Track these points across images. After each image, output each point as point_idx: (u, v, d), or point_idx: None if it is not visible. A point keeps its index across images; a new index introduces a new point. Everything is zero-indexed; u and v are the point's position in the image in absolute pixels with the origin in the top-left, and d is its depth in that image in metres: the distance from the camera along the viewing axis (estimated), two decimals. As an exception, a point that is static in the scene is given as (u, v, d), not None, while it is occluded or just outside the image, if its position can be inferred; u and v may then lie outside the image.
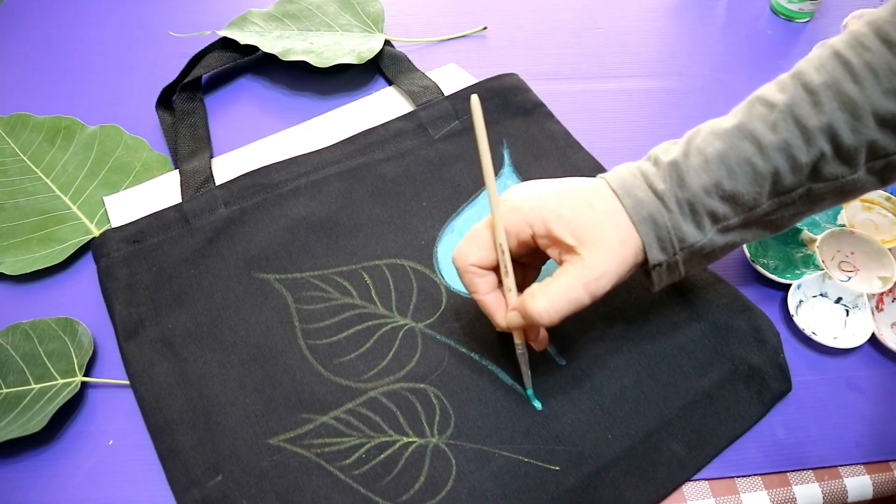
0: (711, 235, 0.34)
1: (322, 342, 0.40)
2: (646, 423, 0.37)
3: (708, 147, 0.34)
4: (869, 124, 0.31)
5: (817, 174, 0.33)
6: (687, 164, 0.34)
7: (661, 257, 0.34)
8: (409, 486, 0.35)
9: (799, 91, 0.33)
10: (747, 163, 0.33)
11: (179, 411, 0.38)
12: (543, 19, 0.66)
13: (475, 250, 0.35)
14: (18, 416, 0.38)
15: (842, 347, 0.41)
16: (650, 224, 0.33)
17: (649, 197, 0.34)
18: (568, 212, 0.33)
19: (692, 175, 0.33)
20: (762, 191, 0.33)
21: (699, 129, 0.35)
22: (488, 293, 0.35)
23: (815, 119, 0.32)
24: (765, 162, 0.33)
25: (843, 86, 0.31)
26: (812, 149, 0.32)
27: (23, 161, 0.51)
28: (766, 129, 0.33)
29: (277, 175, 0.48)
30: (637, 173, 0.35)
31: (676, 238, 0.34)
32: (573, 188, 0.35)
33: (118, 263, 0.43)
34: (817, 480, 0.37)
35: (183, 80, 0.54)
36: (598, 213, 0.33)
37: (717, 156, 0.33)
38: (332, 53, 0.56)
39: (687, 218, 0.34)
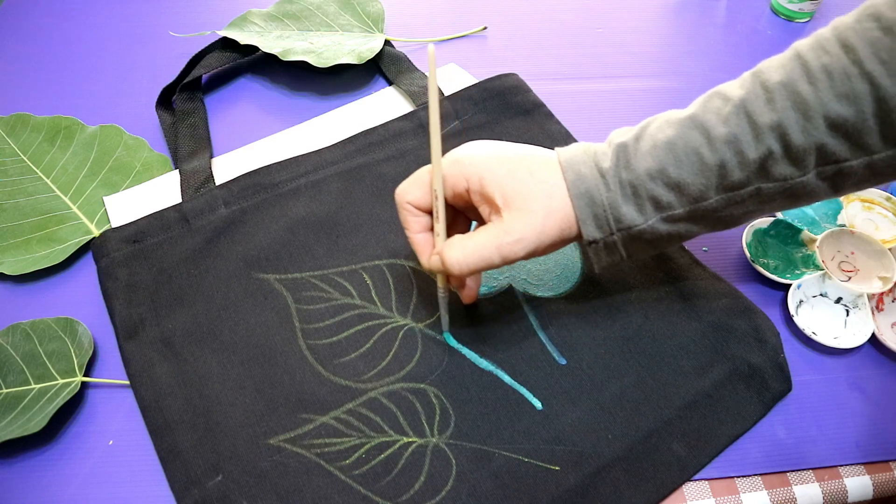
0: (654, 222, 0.34)
1: (322, 342, 0.40)
2: (646, 423, 0.37)
3: (659, 134, 0.34)
4: (819, 126, 0.31)
5: (766, 173, 0.33)
6: (636, 147, 0.34)
7: (596, 234, 0.34)
8: (409, 486, 0.35)
9: (756, 88, 0.33)
10: (694, 152, 0.33)
11: (179, 411, 0.38)
12: (543, 19, 0.66)
13: (413, 190, 0.35)
14: (18, 416, 0.38)
15: (842, 347, 0.41)
16: (587, 200, 0.34)
17: (592, 173, 0.34)
18: (504, 174, 0.34)
19: (639, 158, 0.34)
20: (709, 183, 0.33)
21: (657, 117, 0.35)
22: (418, 233, 0.36)
23: (767, 116, 0.32)
24: (712, 153, 0.33)
25: (798, 86, 0.31)
26: (760, 145, 0.32)
27: (23, 161, 0.51)
28: (717, 122, 0.33)
29: (277, 175, 0.48)
30: (588, 151, 0.35)
31: (613, 218, 0.34)
32: (520, 154, 0.35)
33: (118, 263, 0.43)
34: (817, 480, 0.37)
35: (183, 80, 0.54)
36: (534, 182, 0.34)
37: (665, 142, 0.33)
38: (333, 53, 0.56)
39: (628, 200, 0.34)
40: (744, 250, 0.44)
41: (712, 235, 0.47)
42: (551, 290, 0.43)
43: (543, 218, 0.33)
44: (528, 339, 0.40)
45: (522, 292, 0.43)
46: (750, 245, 0.45)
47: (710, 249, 0.46)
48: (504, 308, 0.42)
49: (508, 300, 0.42)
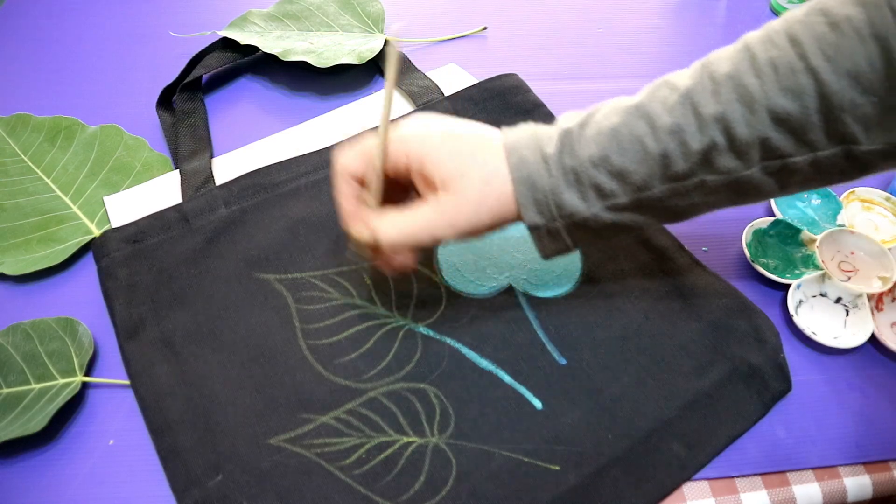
0: (597, 211, 0.34)
1: (322, 342, 0.40)
2: (646, 423, 0.37)
3: (605, 121, 0.34)
4: (764, 120, 0.31)
5: (710, 165, 0.32)
6: (581, 133, 0.34)
7: (538, 220, 0.34)
8: (409, 486, 0.35)
9: (703, 79, 0.32)
10: (638, 141, 0.33)
11: (180, 411, 0.38)
12: (543, 19, 0.66)
13: (352, 157, 0.35)
14: (19, 416, 0.38)
15: (842, 347, 0.41)
16: (528, 185, 0.33)
17: (534, 158, 0.34)
18: (446, 155, 0.33)
19: (582, 145, 0.33)
20: (652, 173, 0.33)
21: (605, 103, 0.35)
22: (349, 200, 0.36)
23: (711, 107, 0.31)
24: (656, 143, 0.32)
25: (744, 78, 0.31)
26: (704, 136, 0.32)
27: (23, 161, 0.51)
28: (662, 111, 0.32)
29: (278, 175, 0.48)
30: (535, 135, 0.35)
31: (555, 204, 0.34)
32: (467, 133, 0.35)
33: (118, 263, 0.43)
34: (817, 480, 0.37)
35: (183, 81, 0.54)
36: (475, 164, 0.33)
37: (610, 130, 0.33)
38: (333, 54, 0.56)
39: (570, 186, 0.34)
40: (744, 250, 0.44)
41: (712, 235, 0.47)
42: (551, 290, 0.43)
43: (477, 204, 0.33)
44: (528, 339, 0.41)
45: (522, 292, 0.43)
46: (750, 245, 0.45)
47: (709, 249, 0.46)
48: (504, 308, 0.42)
49: (508, 300, 0.42)
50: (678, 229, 0.46)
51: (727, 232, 0.47)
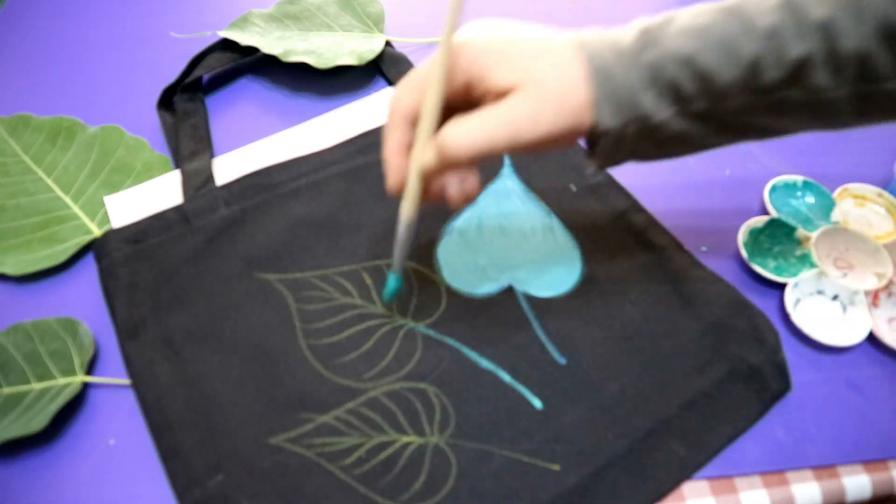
0: (670, 115, 0.31)
1: (323, 342, 0.41)
2: (646, 423, 0.37)
3: (692, 20, 0.31)
4: (869, 31, 0.28)
5: (801, 79, 0.30)
6: (664, 29, 0.31)
7: (611, 121, 0.31)
8: (410, 486, 0.35)
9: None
10: (730, 41, 0.30)
11: (180, 411, 0.38)
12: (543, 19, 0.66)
13: (409, 91, 0.31)
14: (19, 416, 0.38)
15: (840, 345, 0.41)
16: (604, 77, 0.30)
17: (610, 52, 0.31)
18: (511, 54, 0.30)
19: (667, 40, 0.30)
20: (738, 79, 0.30)
21: (690, 8, 0.32)
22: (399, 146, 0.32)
23: (816, 11, 0.29)
24: (750, 44, 0.29)
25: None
26: (804, 43, 0.29)
27: (24, 161, 0.51)
28: (759, 11, 0.30)
29: (278, 175, 0.48)
30: (606, 33, 0.32)
31: (631, 103, 0.30)
32: (530, 35, 0.32)
33: (119, 263, 0.43)
34: (816, 480, 0.37)
35: (184, 81, 0.55)
36: (547, 60, 0.30)
37: (699, 28, 0.30)
38: (333, 54, 0.56)
39: (648, 84, 0.30)
40: (740, 250, 0.44)
41: (711, 235, 0.47)
42: (551, 290, 0.43)
43: (559, 102, 0.29)
44: (527, 339, 0.41)
45: (522, 292, 0.43)
46: (746, 244, 0.45)
47: (709, 249, 0.46)
48: (504, 308, 0.42)
49: (508, 300, 0.43)
50: (677, 230, 0.46)
51: (725, 232, 0.47)
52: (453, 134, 0.29)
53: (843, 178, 0.49)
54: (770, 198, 0.48)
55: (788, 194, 0.49)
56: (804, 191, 0.49)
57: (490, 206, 0.47)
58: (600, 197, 0.47)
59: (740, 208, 0.49)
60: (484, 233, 0.46)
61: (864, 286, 0.42)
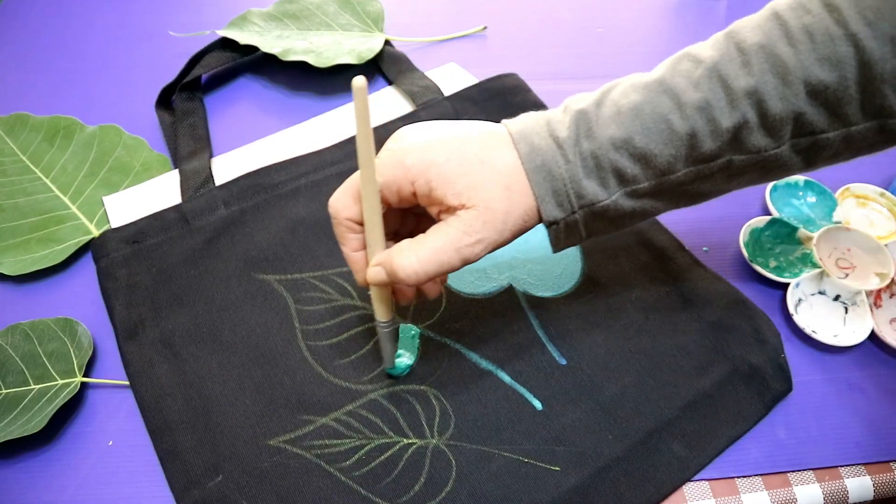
0: (617, 197, 0.31)
1: (322, 343, 0.40)
2: (646, 424, 0.37)
3: (624, 99, 0.31)
4: (799, 93, 0.29)
5: (739, 144, 0.30)
6: (598, 113, 0.31)
7: (557, 214, 0.31)
8: (410, 488, 0.35)
9: (730, 49, 0.30)
10: (663, 119, 0.30)
11: (179, 412, 0.37)
12: (543, 19, 0.66)
13: (352, 204, 0.32)
14: (18, 417, 0.38)
15: (842, 345, 0.41)
16: (544, 174, 0.31)
17: (547, 144, 0.31)
18: (455, 169, 0.30)
19: (601, 126, 0.31)
20: (678, 154, 0.30)
21: (618, 81, 0.32)
22: (357, 250, 0.33)
23: (743, 80, 0.29)
24: (683, 121, 0.30)
25: (777, 48, 0.29)
26: (735, 112, 0.30)
27: (22, 161, 0.51)
28: (688, 86, 0.30)
29: (277, 175, 0.48)
30: (541, 120, 0.32)
31: (574, 193, 0.31)
32: (466, 136, 0.31)
33: (118, 264, 0.43)
34: (818, 481, 0.37)
35: (182, 80, 0.54)
36: (488, 172, 0.30)
37: (631, 109, 0.30)
38: (332, 53, 0.56)
39: (590, 173, 0.31)
40: (742, 250, 0.44)
41: (712, 235, 0.47)
42: (551, 290, 0.43)
43: (504, 214, 0.30)
44: (528, 339, 0.40)
45: (522, 292, 0.43)
46: (747, 245, 0.45)
47: (710, 249, 0.46)
48: (504, 308, 0.42)
49: (508, 300, 0.42)
50: (678, 229, 0.46)
51: (727, 232, 0.47)
52: (405, 262, 0.30)
53: (845, 178, 0.49)
54: (771, 198, 0.48)
55: (790, 194, 0.49)
56: (806, 190, 0.48)
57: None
58: None
59: (741, 208, 0.49)
60: (484, 233, 0.46)
61: (865, 286, 0.42)
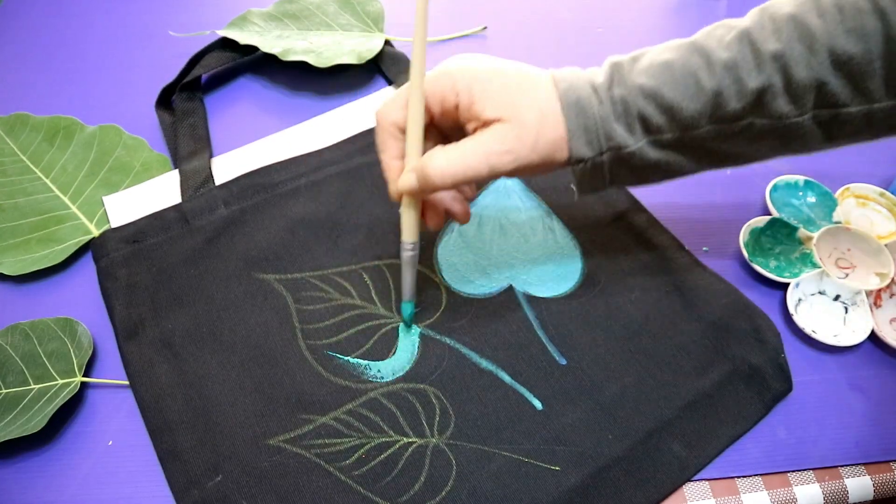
0: (643, 145, 0.33)
1: (322, 342, 0.40)
2: (646, 424, 0.37)
3: (658, 56, 0.33)
4: (823, 61, 0.30)
5: (763, 107, 0.32)
6: (632, 66, 0.33)
7: (586, 152, 0.33)
8: (410, 487, 0.35)
9: (763, 19, 0.32)
10: (692, 75, 0.32)
11: (179, 412, 0.37)
12: (543, 19, 0.66)
13: (398, 110, 0.33)
14: (18, 417, 0.38)
15: (842, 345, 0.41)
16: (578, 110, 0.33)
17: (584, 86, 0.33)
18: (497, 87, 0.32)
19: (633, 75, 0.33)
20: (703, 110, 0.32)
21: (658, 46, 0.34)
22: (396, 158, 0.34)
23: (771, 45, 0.31)
24: (710, 78, 0.32)
25: (807, 18, 0.30)
26: (761, 75, 0.31)
27: (22, 161, 0.51)
28: (718, 47, 0.32)
29: (277, 175, 0.48)
30: (582, 71, 0.34)
31: (604, 134, 0.33)
32: (514, 69, 0.34)
33: (118, 264, 0.43)
34: (818, 481, 0.37)
35: (182, 80, 0.54)
36: (528, 97, 0.33)
37: (663, 63, 0.32)
38: (332, 53, 0.56)
39: (619, 116, 0.33)
40: (742, 250, 0.44)
41: (712, 235, 0.47)
42: (551, 290, 0.43)
43: (536, 134, 0.32)
44: (528, 339, 0.40)
45: (522, 292, 0.43)
46: (747, 244, 0.45)
47: (710, 249, 0.46)
48: (504, 308, 0.42)
49: (508, 300, 0.42)
50: (678, 229, 0.46)
51: (727, 232, 0.47)
52: (435, 162, 0.32)
53: (845, 178, 0.49)
54: (771, 197, 0.48)
55: (790, 194, 0.49)
56: (806, 190, 0.48)
57: (490, 206, 0.47)
58: (601, 197, 0.47)
59: (741, 208, 0.49)
60: (484, 233, 0.46)
61: (865, 286, 0.42)
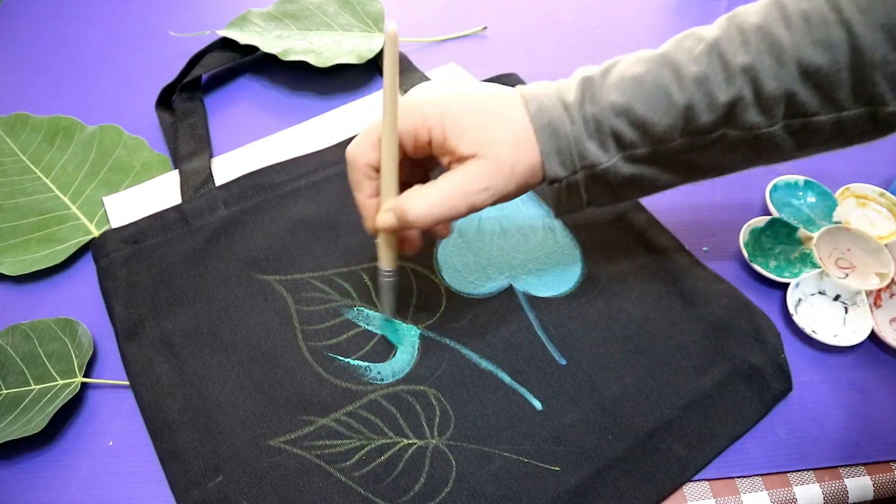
0: (616, 161, 0.33)
1: (322, 344, 0.40)
2: (646, 424, 0.37)
3: (628, 70, 0.33)
4: (792, 73, 0.31)
5: (734, 119, 0.32)
6: (602, 82, 0.33)
7: (560, 172, 0.34)
8: (410, 488, 0.35)
9: (731, 30, 0.32)
10: (663, 90, 0.32)
11: (179, 412, 0.37)
12: (543, 19, 0.66)
13: (370, 151, 0.33)
14: (18, 417, 0.38)
15: (842, 345, 0.41)
16: (550, 132, 0.33)
17: (555, 106, 0.33)
18: (469, 120, 0.32)
19: (604, 92, 0.33)
20: (675, 124, 0.32)
21: (626, 56, 0.34)
22: (371, 196, 0.34)
23: (740, 58, 0.31)
24: (681, 91, 0.32)
25: (774, 29, 0.31)
26: (731, 88, 0.31)
27: (22, 161, 0.51)
28: (688, 60, 0.32)
29: (277, 176, 0.48)
30: (552, 87, 0.34)
31: (577, 153, 0.33)
32: (483, 94, 0.34)
33: (118, 264, 0.43)
34: (818, 481, 0.37)
35: (183, 80, 0.54)
36: (500, 127, 0.32)
37: (633, 78, 0.32)
38: (332, 53, 0.56)
39: (592, 135, 0.33)
40: (742, 250, 0.44)
41: (712, 235, 0.47)
42: (551, 290, 0.43)
43: (512, 166, 0.32)
44: (528, 339, 0.40)
45: (522, 292, 0.43)
46: (747, 244, 0.45)
47: (710, 249, 0.46)
48: (504, 308, 0.42)
49: (508, 300, 0.42)
50: (678, 229, 0.46)
51: (727, 232, 0.47)
52: (415, 205, 0.32)
53: (845, 178, 0.49)
54: (771, 197, 0.48)
55: (790, 194, 0.49)
56: (806, 190, 0.48)
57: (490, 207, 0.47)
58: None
59: (741, 208, 0.49)
60: (484, 233, 0.46)
61: (865, 286, 0.42)
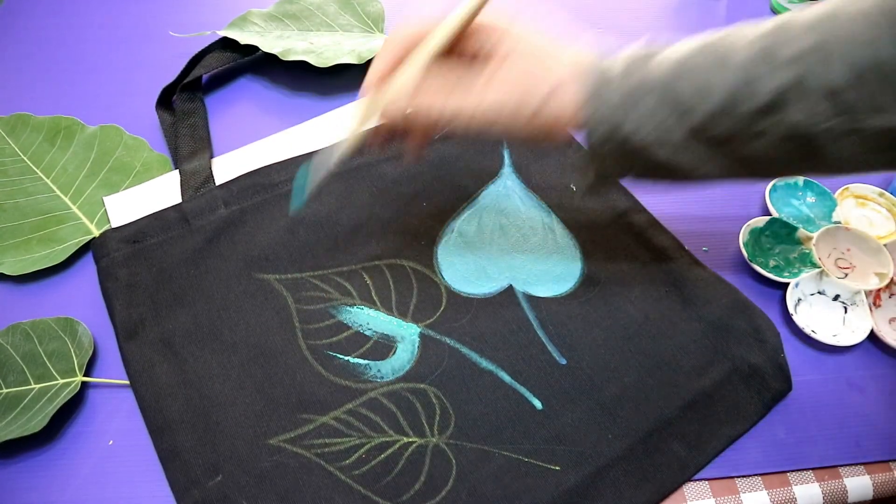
0: (651, 140, 0.33)
1: (322, 342, 0.40)
2: (646, 423, 0.37)
3: (673, 53, 0.33)
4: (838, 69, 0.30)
5: (776, 111, 0.31)
6: (647, 60, 0.33)
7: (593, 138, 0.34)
8: (410, 486, 0.35)
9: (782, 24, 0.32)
10: (705, 73, 0.32)
11: (179, 411, 0.38)
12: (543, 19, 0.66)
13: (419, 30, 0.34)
14: (18, 416, 0.38)
15: (841, 345, 0.41)
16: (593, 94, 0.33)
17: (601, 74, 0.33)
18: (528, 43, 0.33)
19: (647, 69, 0.33)
20: (714, 112, 0.32)
21: (677, 43, 0.34)
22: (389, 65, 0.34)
23: (788, 49, 0.30)
24: (724, 76, 0.31)
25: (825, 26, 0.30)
26: (776, 78, 0.31)
27: (23, 161, 0.51)
28: (735, 47, 0.32)
29: (277, 175, 0.48)
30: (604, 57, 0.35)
31: (613, 125, 0.33)
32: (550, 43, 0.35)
33: (118, 264, 0.43)
34: (817, 480, 0.37)
35: (183, 81, 0.54)
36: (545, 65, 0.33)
37: (677, 60, 0.32)
38: (333, 53, 0.56)
39: (630, 111, 0.33)
40: (741, 250, 0.44)
41: (711, 235, 0.47)
42: (551, 289, 0.43)
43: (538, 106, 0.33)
44: (528, 339, 0.41)
45: (522, 292, 0.43)
46: (747, 244, 0.45)
47: (710, 249, 0.46)
48: (504, 308, 0.42)
49: (508, 300, 0.42)
50: (678, 229, 0.46)
51: (727, 232, 0.47)
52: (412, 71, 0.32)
53: (845, 179, 0.49)
54: (771, 197, 0.48)
55: (789, 194, 0.49)
56: (805, 190, 0.48)
57: (490, 206, 0.47)
58: (601, 197, 0.47)
59: (741, 208, 0.49)
60: (484, 233, 0.46)
61: (865, 286, 0.42)
